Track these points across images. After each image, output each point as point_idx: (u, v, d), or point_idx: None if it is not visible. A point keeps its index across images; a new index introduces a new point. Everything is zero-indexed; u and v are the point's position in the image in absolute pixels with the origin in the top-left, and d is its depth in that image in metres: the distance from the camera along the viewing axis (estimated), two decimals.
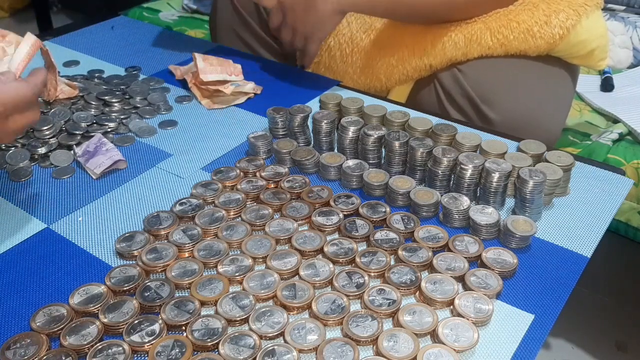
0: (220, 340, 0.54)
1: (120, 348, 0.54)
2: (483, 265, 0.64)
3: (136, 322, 0.56)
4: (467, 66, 0.97)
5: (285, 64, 1.14)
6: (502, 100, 0.96)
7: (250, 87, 0.96)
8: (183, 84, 0.97)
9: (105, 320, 0.56)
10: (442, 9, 0.94)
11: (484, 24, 0.95)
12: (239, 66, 0.99)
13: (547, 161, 0.74)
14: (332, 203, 0.72)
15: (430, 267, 0.64)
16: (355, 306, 0.59)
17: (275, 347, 0.54)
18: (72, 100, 0.89)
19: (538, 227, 0.69)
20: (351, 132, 0.79)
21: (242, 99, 0.95)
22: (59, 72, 0.89)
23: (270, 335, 0.55)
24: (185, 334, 0.55)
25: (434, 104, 1.00)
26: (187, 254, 0.65)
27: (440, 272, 0.62)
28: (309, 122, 0.83)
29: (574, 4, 0.95)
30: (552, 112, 1.01)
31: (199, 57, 0.95)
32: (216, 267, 0.63)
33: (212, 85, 0.94)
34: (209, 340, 0.54)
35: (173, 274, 0.62)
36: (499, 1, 0.95)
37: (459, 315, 0.57)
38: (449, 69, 0.98)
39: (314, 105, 0.92)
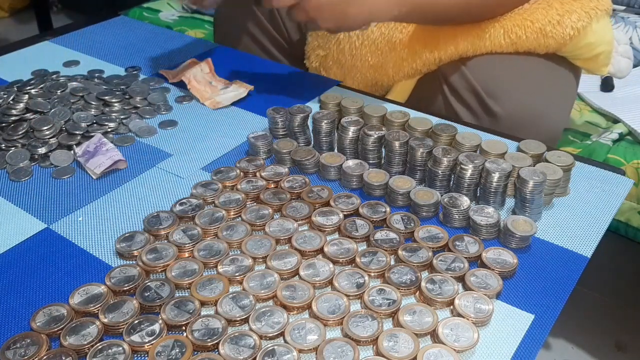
0: (220, 340, 0.54)
1: (120, 348, 0.54)
2: (483, 265, 0.64)
3: (136, 322, 0.56)
4: (472, 60, 0.97)
5: (284, 64, 1.14)
6: (508, 94, 0.96)
7: (237, 88, 0.96)
8: (183, 83, 0.97)
9: (105, 320, 0.56)
10: (475, 10, 0.92)
11: (498, 22, 0.95)
12: (210, 65, 1.00)
13: (547, 161, 0.74)
14: (332, 203, 0.72)
15: (430, 267, 0.64)
16: (355, 306, 0.59)
17: (275, 347, 0.54)
18: (72, 100, 0.89)
19: (538, 227, 0.69)
20: (351, 132, 0.79)
21: (244, 93, 0.95)
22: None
23: (270, 335, 0.55)
24: (185, 334, 0.55)
25: (438, 98, 1.00)
26: (187, 254, 0.65)
27: (440, 272, 0.62)
28: (309, 122, 0.83)
29: (586, 6, 0.95)
30: (556, 109, 1.01)
31: (185, 79, 0.97)
32: (216, 267, 0.63)
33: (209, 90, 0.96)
34: (209, 340, 0.54)
35: (173, 274, 0.62)
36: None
37: (459, 315, 0.57)
38: (454, 63, 0.98)
39: (314, 105, 0.92)
